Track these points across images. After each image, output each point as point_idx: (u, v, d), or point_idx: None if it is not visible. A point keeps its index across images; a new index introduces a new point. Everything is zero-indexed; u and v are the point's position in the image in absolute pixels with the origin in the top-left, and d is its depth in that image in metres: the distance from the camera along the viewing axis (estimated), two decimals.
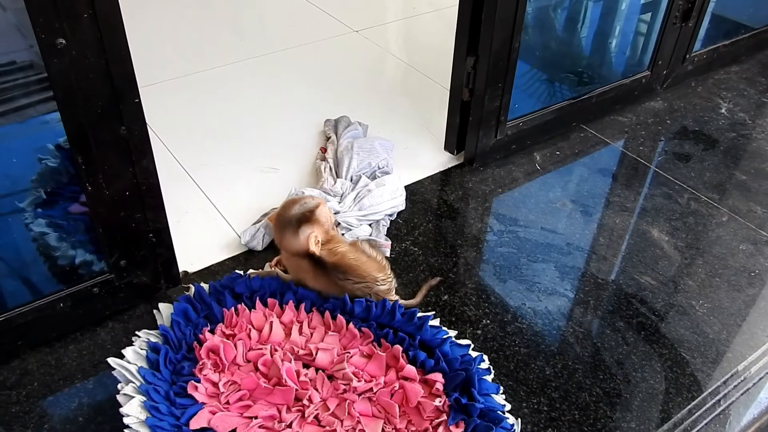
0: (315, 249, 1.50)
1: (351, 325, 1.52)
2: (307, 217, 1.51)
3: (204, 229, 1.90)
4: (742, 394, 1.55)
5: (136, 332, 1.54)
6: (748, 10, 3.01)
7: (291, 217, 1.52)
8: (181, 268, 1.73)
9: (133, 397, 1.35)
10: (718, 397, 1.53)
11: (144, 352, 1.46)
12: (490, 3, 1.82)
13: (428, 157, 2.22)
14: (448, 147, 2.20)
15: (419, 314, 1.56)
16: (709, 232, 1.98)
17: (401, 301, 1.61)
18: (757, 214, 2.06)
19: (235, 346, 1.47)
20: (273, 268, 1.70)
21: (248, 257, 1.81)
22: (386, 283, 1.56)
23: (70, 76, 1.22)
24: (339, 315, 1.53)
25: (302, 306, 1.56)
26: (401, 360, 1.44)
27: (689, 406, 1.49)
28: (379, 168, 2.05)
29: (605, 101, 2.43)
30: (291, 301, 1.57)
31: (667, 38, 2.47)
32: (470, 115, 2.05)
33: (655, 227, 1.98)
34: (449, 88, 2.10)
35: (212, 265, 1.78)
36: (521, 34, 1.92)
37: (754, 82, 2.80)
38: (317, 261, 1.52)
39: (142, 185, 1.44)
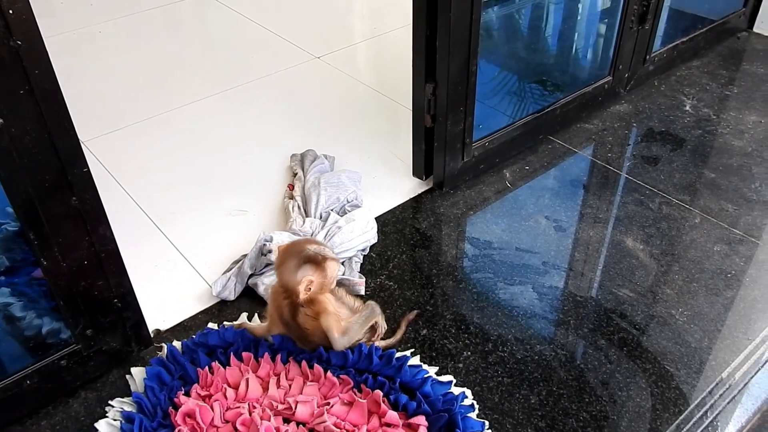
0: (303, 293, 1.45)
1: (329, 373, 1.49)
2: (316, 261, 1.45)
3: (174, 282, 1.86)
4: (728, 403, 1.54)
5: (109, 402, 1.50)
6: (703, 5, 3.03)
7: (302, 251, 1.44)
8: (152, 327, 1.70)
9: None
10: (705, 409, 1.51)
11: (118, 423, 1.42)
12: (444, 30, 1.80)
13: (398, 184, 2.20)
14: (416, 173, 2.19)
15: (397, 355, 1.53)
16: (683, 235, 1.98)
17: (380, 343, 1.58)
18: (729, 212, 2.06)
19: (212, 407, 1.43)
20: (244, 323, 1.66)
21: (221, 308, 1.77)
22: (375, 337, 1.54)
23: (12, 154, 1.19)
24: (316, 364, 1.50)
25: (278, 357, 1.53)
26: (383, 405, 1.41)
27: (677, 421, 1.48)
28: (348, 202, 2.02)
29: (570, 110, 2.42)
30: (266, 354, 1.54)
31: (625, 42, 2.47)
32: (435, 141, 2.03)
33: (630, 236, 1.97)
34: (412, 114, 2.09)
35: (185, 320, 1.74)
36: (477, 58, 1.90)
37: (716, 75, 2.82)
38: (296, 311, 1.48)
39: (101, 253, 1.41)
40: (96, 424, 1.40)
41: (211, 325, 1.69)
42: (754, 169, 2.25)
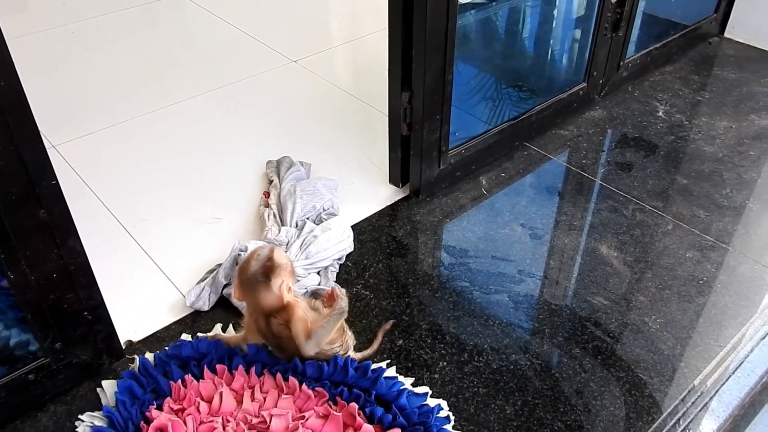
0: (290, 296, 1.44)
1: (304, 385, 1.48)
2: (270, 267, 1.43)
3: (147, 292, 1.83)
4: (700, 410, 1.56)
5: (79, 416, 1.47)
6: (676, 10, 3.07)
7: (255, 275, 1.41)
8: (124, 338, 1.67)
9: None
10: (677, 417, 1.53)
11: None
12: (420, 39, 1.80)
13: (374, 191, 2.19)
14: (392, 180, 2.18)
15: (373, 366, 1.53)
16: (656, 242, 2.00)
17: (355, 355, 1.58)
18: (701, 218, 2.09)
19: (185, 421, 1.41)
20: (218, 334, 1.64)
21: (195, 318, 1.75)
22: (341, 348, 1.53)
23: None
24: (291, 377, 1.49)
25: (252, 370, 1.52)
26: (358, 418, 1.41)
27: (650, 430, 1.49)
28: (324, 210, 2.01)
29: (546, 117, 2.44)
30: (241, 366, 1.52)
31: (599, 49, 2.49)
32: (411, 149, 2.03)
33: (604, 243, 1.99)
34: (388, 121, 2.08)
35: (158, 331, 1.72)
36: (453, 66, 1.90)
37: (688, 80, 2.85)
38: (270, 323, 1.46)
39: (70, 266, 1.38)
40: None
41: (184, 336, 1.67)
42: (725, 174, 2.28)
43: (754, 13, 3.06)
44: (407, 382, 1.54)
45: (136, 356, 1.59)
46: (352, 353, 1.58)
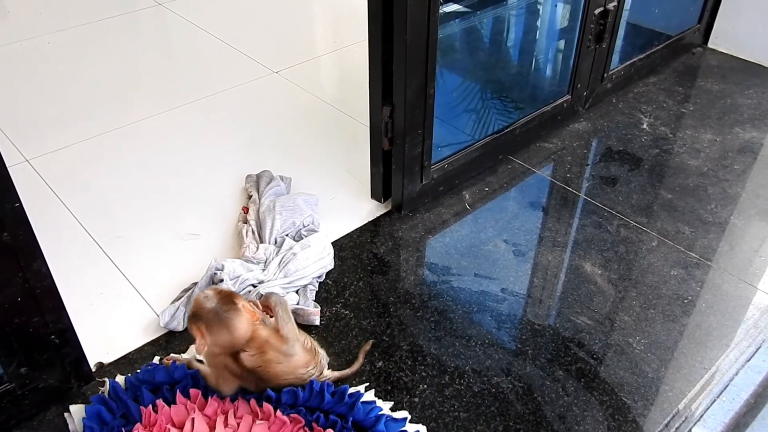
0: (262, 327, 1.40)
1: (279, 411, 1.43)
2: (227, 295, 1.39)
3: (120, 311, 1.78)
4: None
5: None
6: (659, 21, 3.07)
7: (216, 308, 1.35)
8: (95, 359, 1.62)
9: None
10: None
11: None
12: (400, 53, 1.77)
13: (356, 206, 2.15)
14: (374, 195, 2.14)
15: (350, 391, 1.48)
16: (641, 259, 1.97)
17: (332, 374, 1.53)
18: (685, 234, 2.07)
19: None
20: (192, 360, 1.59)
21: (169, 339, 1.70)
22: (315, 371, 1.48)
23: None
24: (265, 403, 1.44)
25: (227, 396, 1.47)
26: None
27: None
28: (304, 226, 1.97)
29: (530, 129, 2.41)
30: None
31: (583, 61, 2.47)
32: (393, 163, 1.99)
33: (588, 261, 1.96)
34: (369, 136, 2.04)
35: (130, 353, 1.67)
36: (434, 81, 1.87)
37: (672, 92, 2.84)
38: (241, 362, 1.41)
39: (35, 289, 1.33)
40: None
41: (155, 361, 1.62)
42: (709, 189, 2.27)
43: (737, 24, 3.06)
44: (386, 406, 1.51)
45: (106, 379, 1.54)
46: (327, 372, 1.53)
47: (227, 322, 1.35)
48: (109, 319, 1.75)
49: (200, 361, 1.52)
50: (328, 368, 1.55)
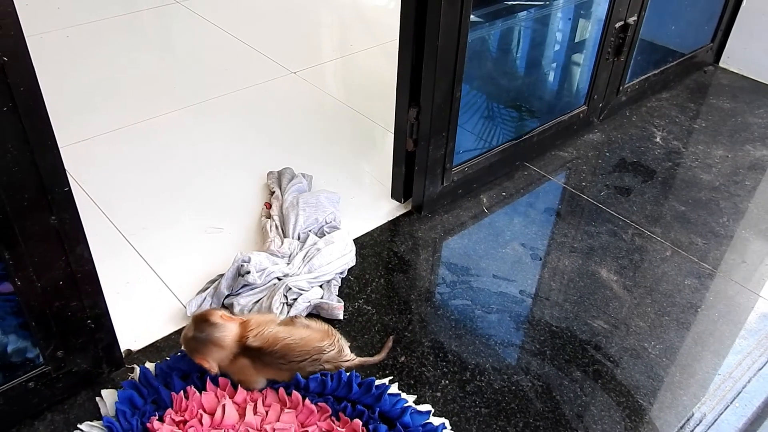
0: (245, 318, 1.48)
1: (307, 400, 1.47)
2: (201, 320, 1.47)
3: (147, 300, 1.81)
4: None
5: (78, 425, 1.45)
6: (674, 38, 3.12)
7: (194, 339, 1.46)
8: (124, 347, 1.65)
9: None
10: None
11: None
12: (431, 56, 1.81)
13: (376, 206, 2.19)
14: (395, 195, 2.18)
15: (377, 383, 1.52)
16: (655, 268, 2.02)
17: (359, 360, 1.57)
18: (698, 246, 2.12)
19: None
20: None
21: None
22: (334, 348, 1.53)
23: None
24: (294, 391, 1.48)
25: None
26: None
27: None
28: (326, 223, 2.01)
29: (546, 138, 2.46)
30: None
31: (601, 73, 2.53)
32: (415, 165, 2.04)
33: (604, 267, 2.01)
34: (393, 136, 2.08)
35: (157, 341, 1.70)
36: (462, 84, 1.92)
37: (684, 108, 2.90)
38: (254, 353, 1.46)
39: (77, 273, 1.36)
40: None
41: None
42: (722, 203, 2.32)
43: (749, 45, 3.12)
44: (410, 399, 1.54)
45: (135, 366, 1.57)
46: (351, 355, 1.57)
47: (211, 339, 1.44)
48: (136, 309, 1.79)
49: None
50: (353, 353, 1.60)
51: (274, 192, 2.15)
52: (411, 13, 1.78)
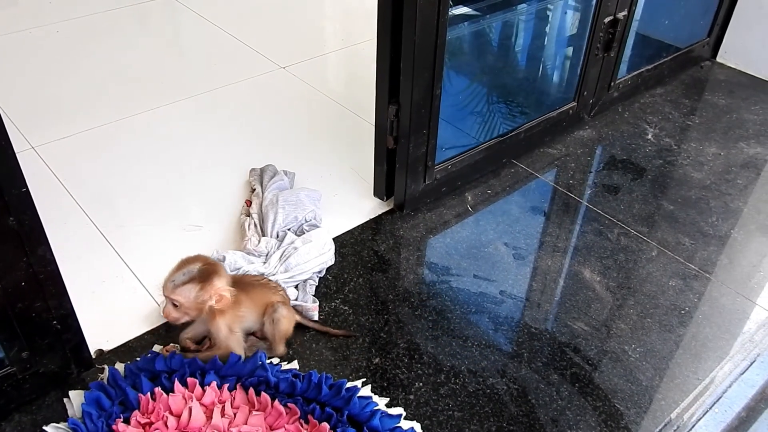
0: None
1: (276, 402, 1.45)
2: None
3: (121, 299, 1.80)
4: None
5: (44, 427, 1.43)
6: (669, 33, 3.07)
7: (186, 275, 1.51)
8: (95, 347, 1.63)
9: None
10: None
11: None
12: (408, 53, 1.78)
13: (358, 204, 2.16)
14: (377, 193, 2.16)
15: (348, 385, 1.50)
16: (640, 268, 1.98)
17: (310, 322, 1.65)
18: (685, 246, 2.08)
19: None
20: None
21: (169, 328, 1.71)
22: (278, 295, 1.62)
23: None
24: (263, 392, 1.46)
25: (225, 386, 1.48)
26: None
27: None
28: (306, 221, 1.98)
29: (534, 135, 2.42)
30: (214, 382, 1.49)
31: (590, 69, 2.48)
32: (396, 162, 2.01)
33: (587, 267, 1.97)
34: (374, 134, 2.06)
35: (130, 341, 1.68)
36: (441, 81, 1.88)
37: (678, 104, 2.85)
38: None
39: (39, 274, 1.34)
40: None
41: (156, 347, 1.63)
42: (711, 202, 2.28)
43: (747, 40, 3.06)
44: (381, 402, 1.52)
45: (106, 366, 1.55)
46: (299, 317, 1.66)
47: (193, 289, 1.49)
48: (111, 307, 1.77)
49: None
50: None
51: (255, 189, 2.13)
52: (388, 9, 1.74)
